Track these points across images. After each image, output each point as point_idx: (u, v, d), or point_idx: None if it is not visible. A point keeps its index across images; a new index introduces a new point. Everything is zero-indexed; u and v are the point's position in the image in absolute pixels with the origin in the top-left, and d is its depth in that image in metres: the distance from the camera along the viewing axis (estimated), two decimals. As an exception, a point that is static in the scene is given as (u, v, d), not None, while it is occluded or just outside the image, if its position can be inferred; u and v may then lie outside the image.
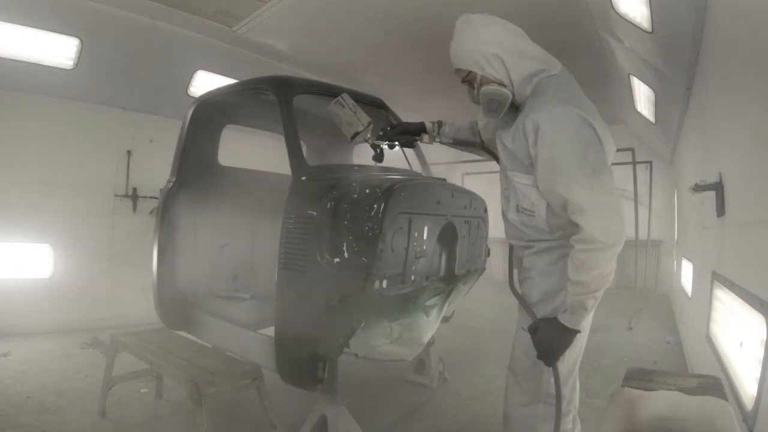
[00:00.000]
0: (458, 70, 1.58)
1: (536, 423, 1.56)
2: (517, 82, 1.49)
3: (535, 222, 1.55)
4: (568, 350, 1.46)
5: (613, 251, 1.32)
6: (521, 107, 1.53)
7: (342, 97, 1.81)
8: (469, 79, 1.56)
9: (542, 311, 1.55)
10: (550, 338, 1.43)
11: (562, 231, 1.50)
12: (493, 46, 1.47)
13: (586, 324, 1.52)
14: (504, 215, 1.70)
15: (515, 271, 1.77)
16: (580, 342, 1.56)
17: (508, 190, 1.65)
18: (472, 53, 1.50)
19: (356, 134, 1.84)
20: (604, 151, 1.41)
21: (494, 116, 1.57)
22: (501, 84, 1.50)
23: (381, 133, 1.99)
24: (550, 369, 1.48)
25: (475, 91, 1.55)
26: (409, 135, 2.00)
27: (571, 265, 1.39)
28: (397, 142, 2.04)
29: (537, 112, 1.40)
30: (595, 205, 1.32)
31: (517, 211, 1.59)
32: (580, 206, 1.33)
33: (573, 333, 1.42)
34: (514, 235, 1.67)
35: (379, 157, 2.00)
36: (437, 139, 1.99)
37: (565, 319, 1.41)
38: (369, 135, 1.87)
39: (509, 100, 1.51)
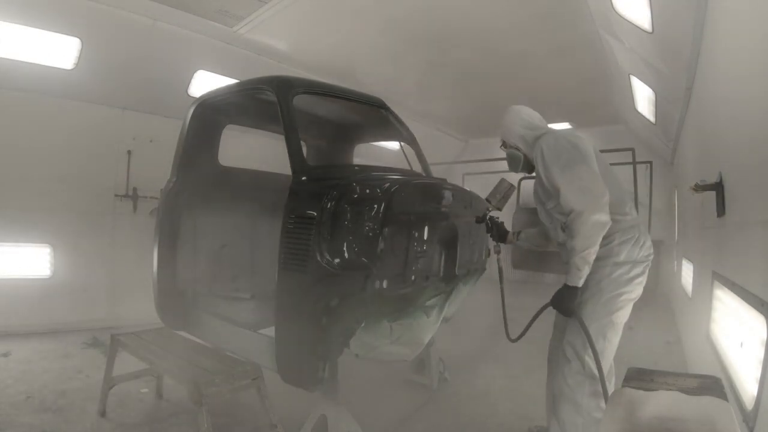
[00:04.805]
0: (501, 139, 2.37)
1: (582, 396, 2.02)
2: (529, 144, 2.23)
3: None
4: (592, 310, 2.01)
5: (585, 216, 1.85)
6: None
7: (510, 186, 2.43)
8: (505, 145, 2.36)
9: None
10: (559, 295, 2.01)
11: None
12: (516, 126, 2.27)
13: (616, 320, 2.04)
14: (561, 247, 2.18)
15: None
16: (606, 307, 2.02)
17: (554, 229, 2.18)
18: (504, 129, 2.31)
19: (490, 203, 2.47)
20: (579, 153, 2.00)
21: (514, 169, 2.35)
22: (517, 148, 2.28)
23: (496, 218, 2.59)
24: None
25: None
26: (501, 235, 2.54)
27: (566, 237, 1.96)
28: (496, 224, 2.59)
29: (537, 147, 2.13)
30: (566, 186, 1.93)
31: (563, 230, 2.08)
32: (557, 187, 1.97)
33: (572, 288, 1.96)
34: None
35: (481, 219, 2.52)
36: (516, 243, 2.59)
37: (566, 280, 1.98)
38: (492, 207, 2.49)
39: (521, 159, 2.28)
